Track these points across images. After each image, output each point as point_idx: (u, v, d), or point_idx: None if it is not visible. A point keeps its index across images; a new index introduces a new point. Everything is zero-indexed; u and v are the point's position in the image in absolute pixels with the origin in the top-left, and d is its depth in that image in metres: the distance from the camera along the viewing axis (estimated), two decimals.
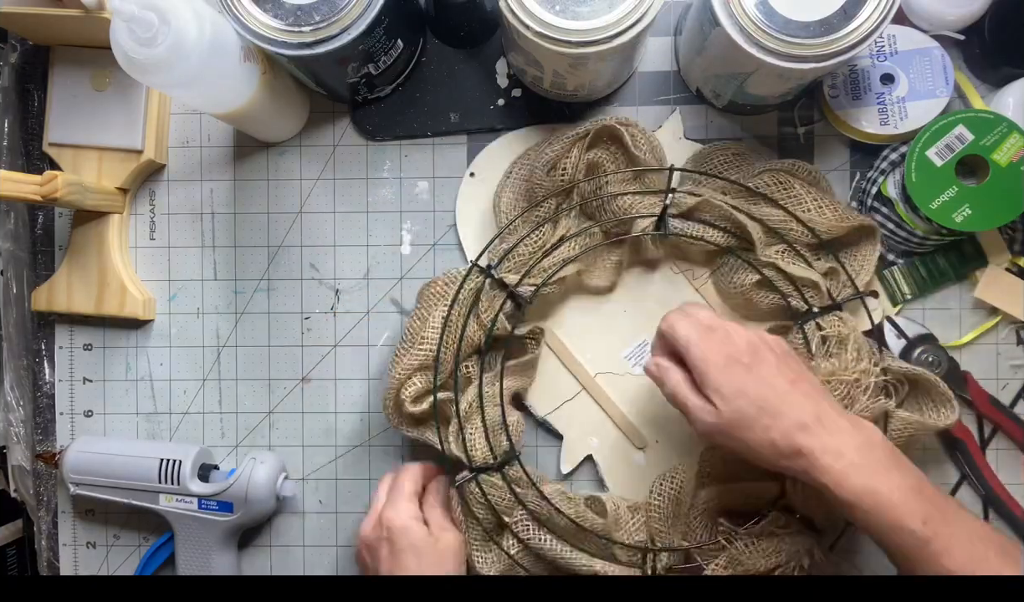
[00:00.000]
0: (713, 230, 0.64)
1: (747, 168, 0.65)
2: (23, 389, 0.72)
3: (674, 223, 0.64)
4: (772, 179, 0.63)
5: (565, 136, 0.64)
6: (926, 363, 0.66)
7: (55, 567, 0.72)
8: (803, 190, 0.63)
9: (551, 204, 0.65)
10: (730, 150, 0.66)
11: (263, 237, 0.71)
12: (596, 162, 0.65)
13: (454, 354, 0.64)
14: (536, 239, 0.65)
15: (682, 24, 0.67)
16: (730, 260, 0.65)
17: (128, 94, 0.68)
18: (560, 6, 0.55)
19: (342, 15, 0.56)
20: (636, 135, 0.64)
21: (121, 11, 0.48)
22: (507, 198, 0.66)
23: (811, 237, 0.63)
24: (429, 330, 0.64)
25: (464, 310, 0.64)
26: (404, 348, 0.64)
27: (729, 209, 0.62)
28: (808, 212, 0.63)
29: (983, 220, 0.62)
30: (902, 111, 0.64)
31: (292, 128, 0.70)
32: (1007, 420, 0.66)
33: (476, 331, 0.64)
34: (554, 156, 0.64)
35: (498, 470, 0.63)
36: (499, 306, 0.64)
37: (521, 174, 0.66)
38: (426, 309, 0.65)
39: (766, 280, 0.64)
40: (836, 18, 0.54)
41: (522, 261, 0.65)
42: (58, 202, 0.61)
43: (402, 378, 0.63)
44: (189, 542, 0.68)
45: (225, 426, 0.71)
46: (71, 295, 0.69)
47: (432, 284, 0.66)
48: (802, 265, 0.63)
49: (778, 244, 0.64)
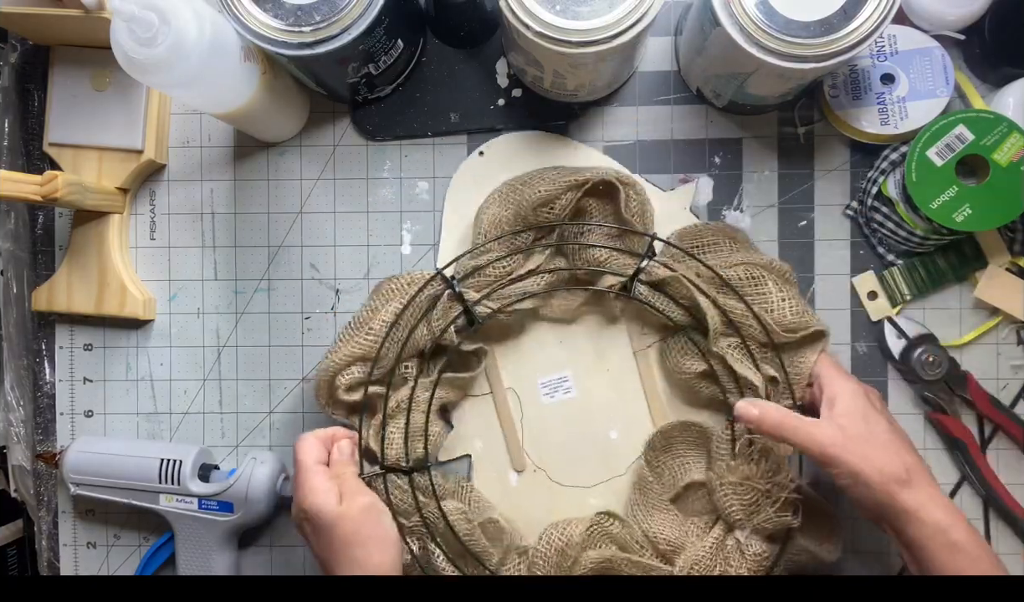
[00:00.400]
0: (675, 306, 0.65)
1: (732, 250, 0.66)
2: (23, 389, 0.72)
3: (641, 289, 0.65)
4: (746, 273, 0.63)
5: (563, 178, 0.64)
6: (926, 363, 0.66)
7: (55, 567, 0.72)
8: (774, 287, 0.63)
9: (529, 235, 0.66)
10: (722, 233, 0.66)
11: (263, 237, 0.71)
12: (584, 208, 0.65)
13: (397, 352, 0.64)
14: (506, 265, 0.65)
15: (682, 24, 0.67)
16: (681, 340, 0.66)
17: (128, 94, 0.67)
18: (560, 6, 0.55)
19: (342, 15, 0.56)
20: (631, 196, 0.64)
21: (121, 11, 0.48)
22: (490, 215, 0.65)
23: (766, 337, 0.63)
24: (378, 322, 0.64)
25: (417, 313, 0.65)
26: (348, 334, 0.65)
27: (696, 293, 0.63)
28: (771, 312, 0.62)
29: (983, 220, 0.62)
30: (902, 111, 0.64)
31: (292, 128, 0.70)
32: (1007, 420, 0.66)
33: (424, 335, 0.65)
34: (547, 196, 0.64)
35: (407, 474, 0.64)
36: (452, 318, 0.64)
37: (511, 197, 0.65)
38: (380, 301, 0.65)
39: (711, 372, 0.64)
40: (836, 18, 0.54)
41: (485, 281, 0.65)
42: (58, 202, 0.61)
43: (340, 364, 0.64)
44: (189, 542, 0.68)
45: (225, 426, 0.71)
46: (71, 295, 0.69)
47: (392, 279, 0.66)
48: (749, 364, 0.63)
49: (732, 337, 0.64)
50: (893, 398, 0.68)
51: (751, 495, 0.62)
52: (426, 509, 0.63)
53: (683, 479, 0.67)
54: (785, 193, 0.68)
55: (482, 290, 0.65)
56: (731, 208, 0.68)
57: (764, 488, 0.61)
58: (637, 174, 0.68)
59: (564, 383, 0.69)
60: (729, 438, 0.64)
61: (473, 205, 0.67)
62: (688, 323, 0.65)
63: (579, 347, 0.69)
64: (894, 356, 0.67)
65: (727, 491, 0.63)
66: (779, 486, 0.61)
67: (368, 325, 0.64)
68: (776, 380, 0.63)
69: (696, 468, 0.67)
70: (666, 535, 0.64)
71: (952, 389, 0.67)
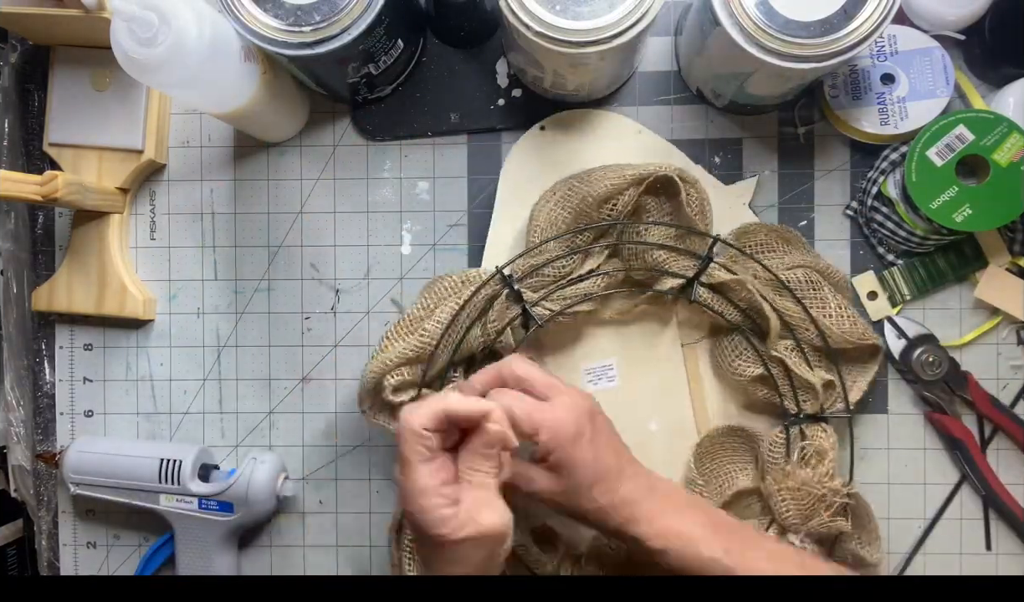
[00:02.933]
0: (733, 308, 0.64)
1: (785, 252, 0.65)
2: (23, 389, 0.72)
3: (701, 292, 0.64)
4: (804, 276, 0.63)
5: (626, 172, 0.62)
6: (926, 363, 0.66)
7: (55, 567, 0.72)
8: (830, 294, 0.63)
9: (588, 235, 0.64)
10: (776, 233, 0.65)
11: (263, 237, 0.71)
12: (642, 206, 0.64)
13: (450, 354, 0.63)
14: (564, 265, 0.64)
15: (682, 24, 0.67)
16: (735, 340, 0.65)
17: (128, 94, 0.67)
18: (560, 6, 0.55)
19: (342, 15, 0.56)
20: (691, 194, 0.63)
21: (121, 11, 0.48)
22: (547, 213, 0.64)
23: (820, 342, 0.63)
24: (432, 323, 0.61)
25: (473, 313, 0.63)
26: (399, 334, 0.62)
27: (758, 297, 0.62)
28: (829, 317, 0.62)
29: (983, 220, 0.62)
30: (902, 111, 0.64)
31: (292, 128, 0.70)
32: (1007, 420, 0.66)
33: (478, 338, 0.63)
34: (612, 190, 0.62)
35: None
36: (510, 319, 0.63)
37: (569, 195, 0.64)
38: (433, 301, 0.63)
39: (767, 375, 0.64)
40: (836, 18, 0.54)
41: (543, 282, 0.64)
42: (58, 202, 0.61)
43: (391, 365, 0.61)
44: (189, 542, 0.68)
45: (225, 426, 0.71)
46: (71, 295, 0.69)
47: (445, 278, 0.64)
48: (806, 367, 0.63)
49: (789, 340, 0.64)
50: (893, 398, 0.68)
51: (808, 500, 0.61)
52: None
53: (730, 488, 0.66)
54: (785, 193, 0.68)
55: (539, 291, 0.64)
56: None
57: (820, 493, 0.61)
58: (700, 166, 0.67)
59: (608, 371, 0.68)
60: (783, 442, 0.64)
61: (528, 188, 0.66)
62: (745, 325, 0.65)
63: (628, 337, 0.68)
64: (894, 356, 0.67)
65: (785, 496, 0.62)
66: (833, 491, 0.61)
67: (422, 325, 0.62)
68: (832, 384, 0.64)
69: (743, 476, 0.66)
70: None
71: (952, 389, 0.67)
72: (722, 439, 0.67)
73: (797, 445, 0.63)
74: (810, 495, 0.61)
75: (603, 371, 0.68)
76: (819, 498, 0.61)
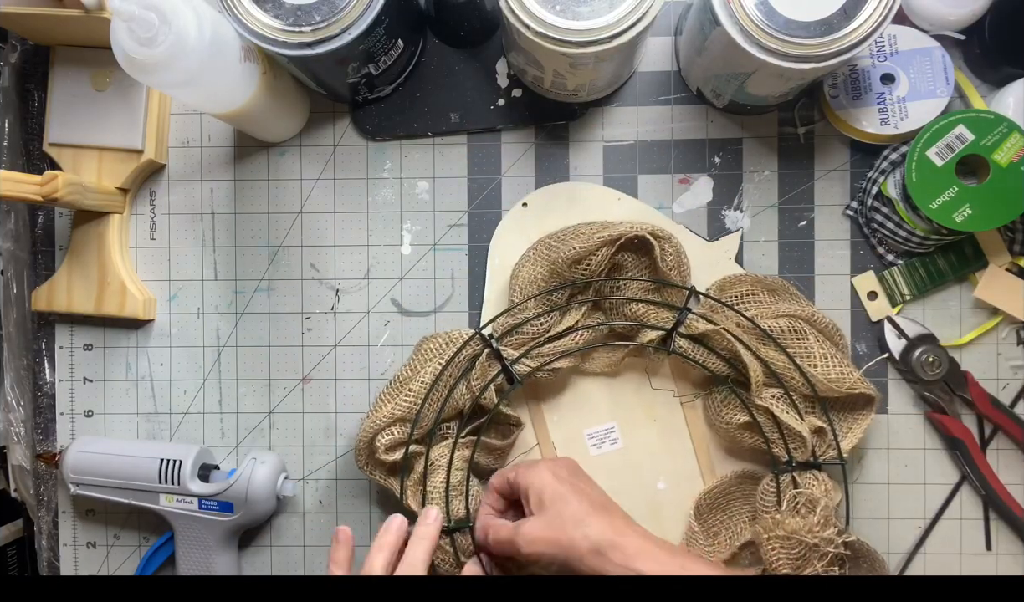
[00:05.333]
0: (715, 358, 0.64)
1: (770, 303, 0.65)
2: (23, 389, 0.72)
3: (680, 342, 0.64)
4: (788, 325, 0.63)
5: (597, 233, 0.63)
6: (926, 363, 0.66)
7: (55, 567, 0.72)
8: (815, 342, 0.62)
9: (564, 293, 0.65)
10: (760, 284, 0.65)
11: (263, 237, 0.71)
12: (619, 263, 0.65)
13: (436, 412, 0.64)
14: (543, 322, 0.65)
15: (682, 24, 0.67)
16: (722, 392, 0.66)
17: (128, 94, 0.68)
18: (560, 6, 0.55)
19: (342, 15, 0.56)
20: (666, 249, 0.64)
21: (121, 11, 0.48)
22: (525, 273, 0.65)
23: (809, 389, 0.63)
24: (417, 384, 0.64)
25: (456, 372, 0.65)
26: (389, 395, 0.65)
27: (737, 345, 0.62)
28: (815, 366, 0.62)
29: (983, 220, 0.62)
30: (902, 111, 0.64)
31: (292, 128, 0.70)
32: (1007, 420, 0.66)
33: (464, 395, 0.65)
34: (581, 252, 0.63)
35: (448, 534, 0.63)
36: (492, 377, 0.64)
37: (545, 254, 0.65)
38: (419, 362, 0.65)
39: (755, 423, 0.64)
40: (836, 18, 0.54)
41: (524, 339, 0.65)
42: (58, 202, 0.61)
43: (381, 425, 0.63)
44: (189, 542, 0.68)
45: (225, 426, 0.71)
46: (71, 295, 0.69)
47: (431, 339, 0.66)
48: (794, 415, 0.63)
49: (775, 388, 0.64)
50: (893, 398, 0.68)
51: (799, 549, 0.60)
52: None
53: (739, 539, 0.66)
54: (785, 193, 0.68)
55: (520, 348, 0.65)
56: (731, 208, 0.68)
57: (812, 543, 0.60)
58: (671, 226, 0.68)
59: (611, 434, 0.69)
60: (774, 490, 0.63)
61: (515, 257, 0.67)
62: (729, 375, 0.65)
63: (625, 397, 0.69)
64: (894, 356, 0.67)
65: (775, 545, 0.61)
66: (826, 540, 0.60)
67: (408, 386, 0.64)
68: (823, 431, 0.63)
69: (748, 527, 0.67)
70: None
71: (952, 389, 0.67)
72: (730, 489, 0.67)
73: (789, 493, 0.62)
74: (801, 544, 0.60)
75: (605, 434, 0.69)
76: (811, 547, 0.60)
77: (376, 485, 0.68)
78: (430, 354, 0.65)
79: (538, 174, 0.69)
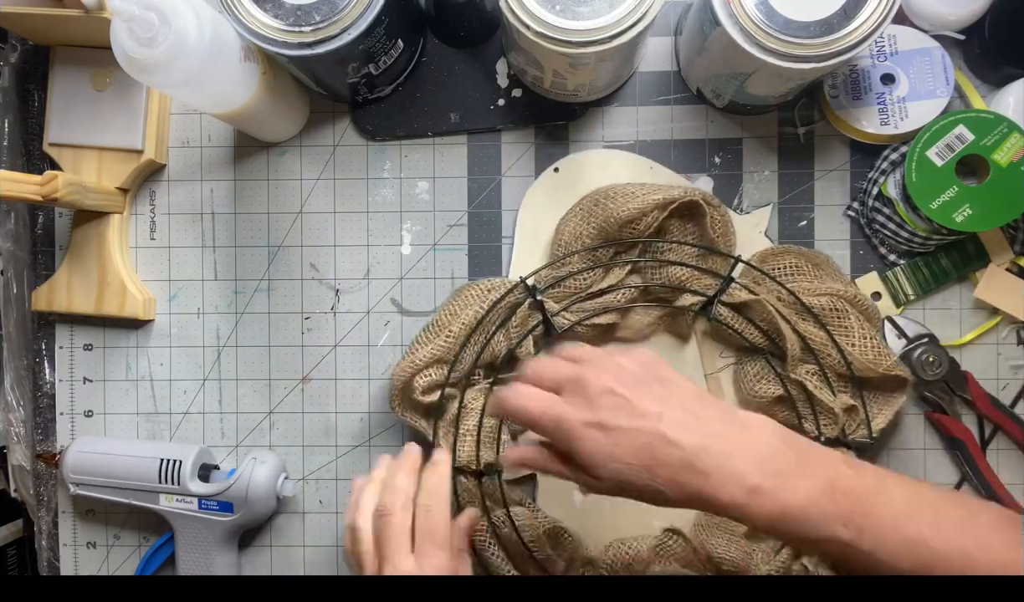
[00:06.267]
0: (753, 329, 0.65)
1: (815, 277, 0.65)
2: (23, 389, 0.72)
3: (721, 310, 0.65)
4: (830, 303, 0.63)
5: (652, 195, 0.63)
6: (926, 363, 0.66)
7: (55, 567, 0.72)
8: (856, 322, 0.63)
9: (609, 250, 0.65)
10: (805, 257, 0.65)
11: (263, 237, 0.71)
12: (665, 227, 0.65)
13: (474, 357, 0.65)
14: (586, 278, 0.65)
15: (682, 24, 0.67)
16: (757, 365, 0.65)
17: (128, 94, 0.67)
18: (560, 6, 0.55)
19: (342, 15, 0.56)
20: (715, 217, 0.64)
21: (121, 11, 0.48)
22: (572, 228, 0.65)
23: (845, 368, 0.63)
24: (457, 325, 0.64)
25: (496, 320, 0.65)
26: (428, 337, 0.65)
27: (778, 318, 0.62)
28: (853, 345, 0.62)
29: (983, 220, 0.62)
30: (902, 111, 0.64)
31: (292, 128, 0.70)
32: (1007, 420, 0.66)
33: (500, 342, 0.65)
34: (635, 213, 0.63)
35: (477, 477, 0.64)
36: (531, 327, 0.65)
37: (595, 211, 0.65)
38: (459, 306, 0.66)
39: (787, 397, 0.64)
40: (836, 18, 0.54)
41: (565, 293, 0.65)
42: (58, 202, 0.61)
43: (420, 365, 0.63)
44: (189, 542, 0.68)
45: (225, 426, 0.71)
46: (71, 295, 0.69)
47: (472, 285, 0.66)
48: (828, 392, 0.63)
49: (811, 364, 0.64)
50: None
51: None
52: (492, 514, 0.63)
53: None
54: (785, 193, 0.68)
55: (560, 301, 0.65)
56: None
57: None
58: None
59: None
60: None
61: (545, 220, 0.68)
62: (766, 347, 0.65)
63: None
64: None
65: None
66: None
67: (448, 328, 0.64)
68: (855, 409, 0.63)
69: None
70: (731, 556, 0.63)
71: (952, 389, 0.67)
72: None
73: None
74: None
75: None
76: None
77: (409, 429, 0.67)
78: (470, 299, 0.66)
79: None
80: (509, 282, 0.66)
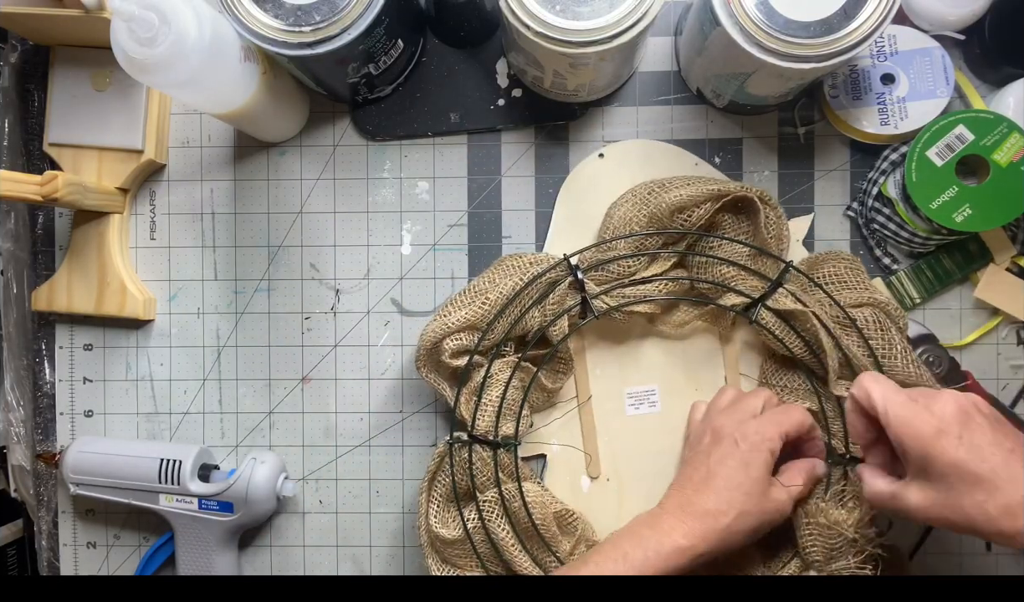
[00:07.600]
0: (795, 339, 0.63)
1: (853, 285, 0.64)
2: (23, 389, 0.72)
3: (764, 314, 0.63)
4: (873, 316, 0.62)
5: (706, 185, 0.63)
6: (926, 363, 0.66)
7: (55, 567, 0.72)
8: (898, 337, 0.62)
9: (657, 239, 0.65)
10: (843, 262, 0.64)
11: (263, 237, 0.71)
12: (717, 222, 0.65)
13: (507, 328, 0.64)
14: (630, 265, 0.64)
15: (682, 24, 0.67)
16: (786, 376, 0.65)
17: (128, 94, 0.68)
18: (560, 6, 0.55)
19: (342, 15, 0.56)
20: (770, 216, 0.63)
21: (121, 11, 0.48)
22: (622, 213, 0.65)
23: None
24: (495, 293, 0.63)
25: (534, 294, 0.64)
26: (463, 301, 0.64)
27: (823, 334, 0.61)
28: (895, 359, 0.61)
29: (983, 220, 0.62)
30: (902, 111, 0.64)
31: (292, 128, 0.70)
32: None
33: (535, 317, 0.64)
34: (687, 201, 0.62)
35: (493, 447, 0.63)
36: (568, 307, 0.64)
37: (647, 198, 0.64)
38: (499, 275, 0.65)
39: (821, 412, 0.63)
40: (836, 18, 0.54)
41: (608, 278, 0.65)
42: (58, 202, 0.61)
43: (452, 328, 0.63)
44: (189, 542, 0.68)
45: (225, 426, 0.71)
46: (71, 295, 0.69)
47: (514, 256, 0.66)
48: None
49: (847, 380, 0.62)
50: None
51: (836, 540, 0.60)
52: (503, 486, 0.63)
53: None
54: (785, 193, 0.68)
55: (601, 285, 0.64)
56: None
57: (852, 536, 0.59)
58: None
59: (651, 396, 0.68)
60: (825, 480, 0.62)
61: (585, 205, 0.68)
62: (804, 358, 0.63)
63: (672, 363, 0.68)
64: None
65: (812, 530, 0.60)
66: (866, 538, 0.60)
67: (485, 295, 0.63)
68: None
69: None
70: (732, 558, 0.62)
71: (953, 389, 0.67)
72: None
73: (838, 485, 0.61)
74: (840, 536, 0.59)
75: (645, 395, 0.68)
76: (850, 542, 0.60)
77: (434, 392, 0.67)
78: (512, 270, 0.65)
79: (538, 174, 0.69)
80: (553, 258, 0.65)
